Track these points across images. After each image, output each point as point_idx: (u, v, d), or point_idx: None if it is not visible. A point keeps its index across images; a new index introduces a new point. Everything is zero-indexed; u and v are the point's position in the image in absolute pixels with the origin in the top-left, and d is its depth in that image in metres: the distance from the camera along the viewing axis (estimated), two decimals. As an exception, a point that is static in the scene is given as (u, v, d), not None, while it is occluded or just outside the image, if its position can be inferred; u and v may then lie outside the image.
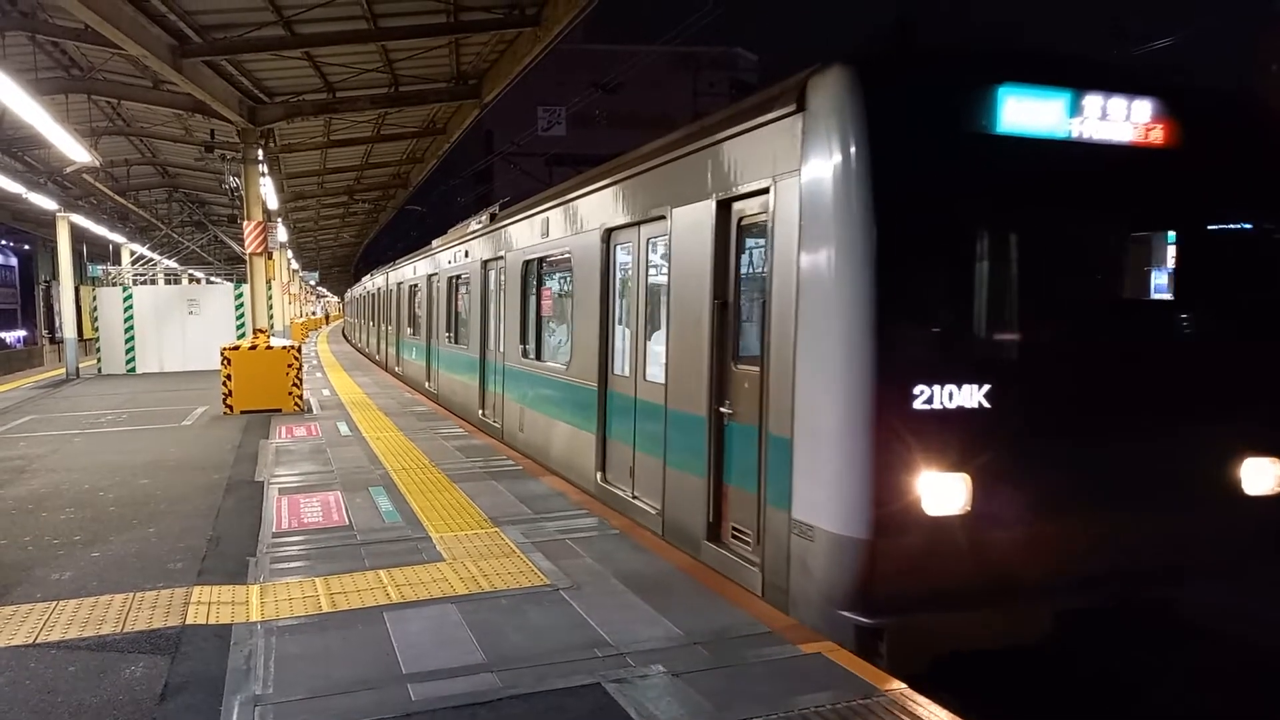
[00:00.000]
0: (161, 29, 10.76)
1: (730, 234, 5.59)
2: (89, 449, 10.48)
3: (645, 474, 6.86)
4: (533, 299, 10.22)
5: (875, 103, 4.46)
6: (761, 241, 5.20)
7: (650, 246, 6.87)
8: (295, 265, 41.45)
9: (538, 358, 9.94)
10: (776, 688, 3.91)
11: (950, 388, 4.44)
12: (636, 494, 7.03)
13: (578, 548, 6.05)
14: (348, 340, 41.91)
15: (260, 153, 14.63)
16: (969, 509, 4.48)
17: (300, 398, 13.94)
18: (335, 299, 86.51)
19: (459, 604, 4.96)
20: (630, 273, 7.32)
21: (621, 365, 7.45)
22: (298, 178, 23.23)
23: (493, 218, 12.32)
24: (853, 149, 4.41)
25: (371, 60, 13.52)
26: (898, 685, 3.92)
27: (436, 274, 16.26)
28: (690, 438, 5.95)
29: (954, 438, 4.45)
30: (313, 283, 61.02)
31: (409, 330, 20.05)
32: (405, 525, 6.68)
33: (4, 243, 54.53)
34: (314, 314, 68.18)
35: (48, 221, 22.68)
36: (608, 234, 7.58)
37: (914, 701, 3.78)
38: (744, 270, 5.60)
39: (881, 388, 4.34)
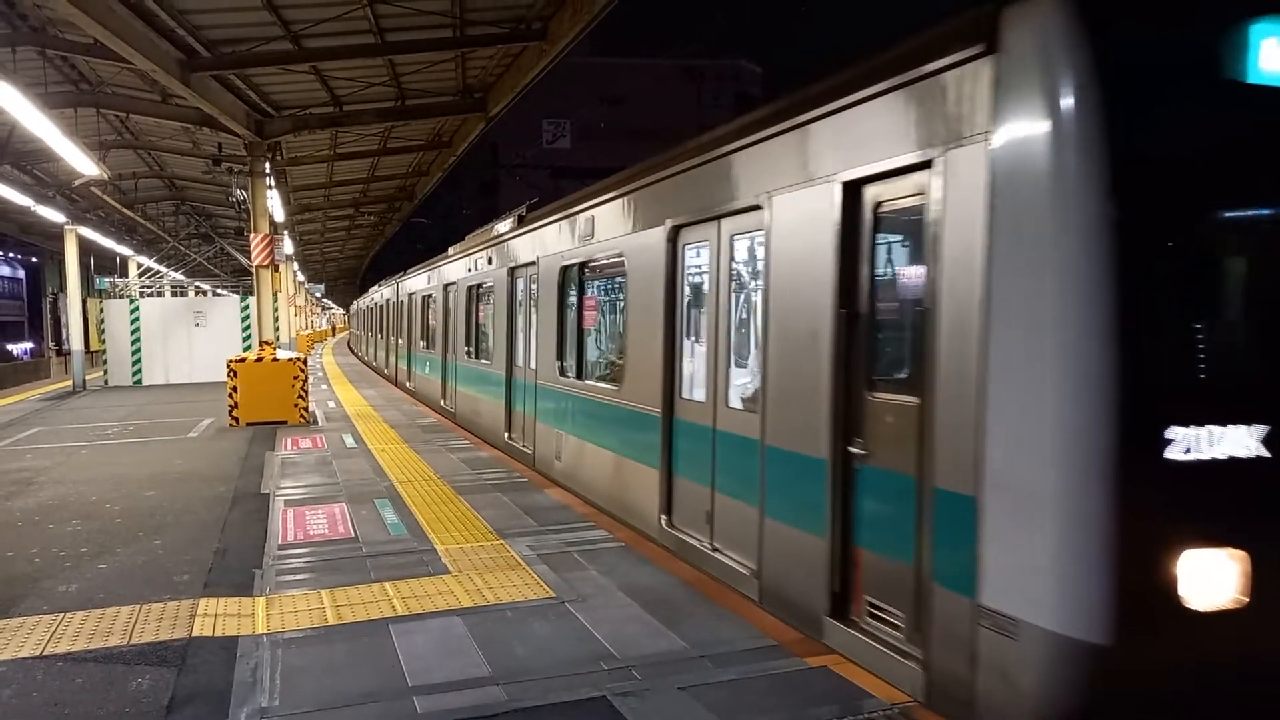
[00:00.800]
0: (170, 44, 10.85)
1: (862, 225, 4.45)
2: (96, 461, 10.51)
3: (730, 523, 5.74)
4: (573, 310, 9.05)
5: (1112, 39, 3.33)
6: (914, 233, 4.15)
7: (735, 245, 5.84)
8: (301, 277, 41.59)
9: (579, 376, 8.78)
10: (782, 701, 3.91)
11: (1219, 430, 3.32)
12: (717, 545, 5.90)
13: (583, 560, 6.05)
14: (354, 353, 41.98)
15: (267, 166, 14.71)
16: (1248, 600, 3.33)
17: (306, 410, 13.97)
18: (341, 311, 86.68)
19: (464, 616, 4.96)
20: (706, 277, 6.23)
21: (693, 388, 6.43)
22: (304, 190, 23.34)
23: (521, 220, 11.20)
24: (1083, 104, 3.27)
25: (378, 74, 13.60)
26: (904, 699, 3.91)
27: (454, 283, 15.15)
28: (801, 484, 4.82)
29: (1226, 500, 3.38)
30: (318, 295, 61.22)
31: (423, 344, 19.00)
32: (410, 537, 6.69)
33: (12, 255, 54.82)
34: (320, 326, 68.35)
35: (56, 234, 22.79)
36: (675, 232, 6.50)
37: (922, 717, 3.77)
38: (881, 271, 4.46)
39: (1126, 430, 3.22)
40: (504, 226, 12.02)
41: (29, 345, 52.82)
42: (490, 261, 12.42)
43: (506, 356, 11.34)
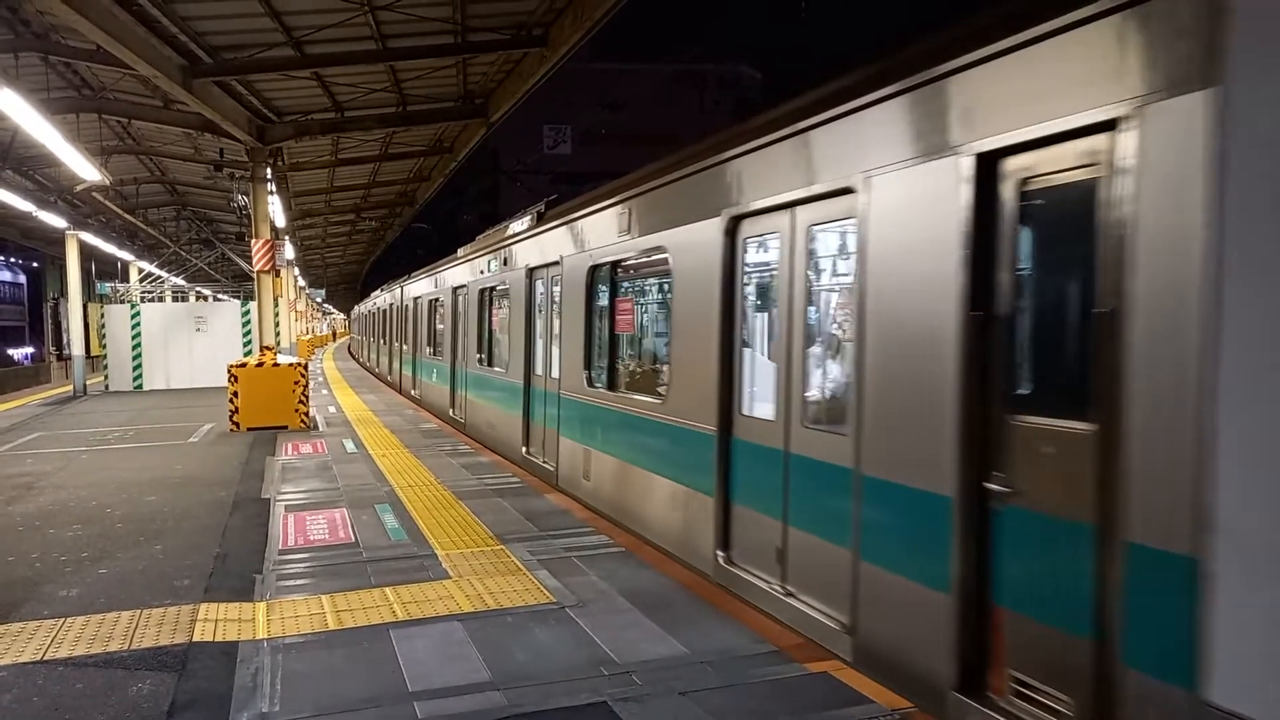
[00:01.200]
0: (173, 49, 10.88)
1: (1001, 207, 3.67)
2: (96, 466, 10.51)
3: (810, 564, 4.95)
4: (603, 313, 8.27)
5: None
6: (1080, 215, 3.31)
7: (815, 237, 5.06)
8: (302, 282, 41.63)
9: (611, 387, 8.00)
10: (783, 706, 3.90)
11: None
12: (791, 589, 5.13)
13: (583, 565, 6.05)
14: (354, 358, 41.99)
15: (269, 171, 14.74)
16: None
17: (306, 415, 13.97)
18: (342, 316, 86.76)
19: (465, 622, 4.96)
20: (774, 275, 5.43)
21: (754, 404, 5.67)
22: (305, 196, 23.38)
23: (541, 217, 10.41)
24: None
25: (379, 80, 13.64)
26: (905, 705, 3.91)
27: (464, 286, 14.35)
28: (915, 523, 4.04)
29: None
30: (319, 300, 61.28)
31: (429, 350, 18.19)
32: (411, 542, 6.69)
33: (13, 260, 54.88)
34: (321, 331, 68.41)
35: (57, 239, 22.83)
36: (733, 224, 5.70)
37: (921, 721, 3.76)
38: (1030, 264, 3.69)
39: None
40: (521, 225, 11.15)
41: (29, 350, 52.85)
42: (506, 263, 11.60)
43: (525, 364, 10.53)
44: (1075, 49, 3.27)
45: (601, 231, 8.06)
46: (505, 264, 11.62)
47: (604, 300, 8.30)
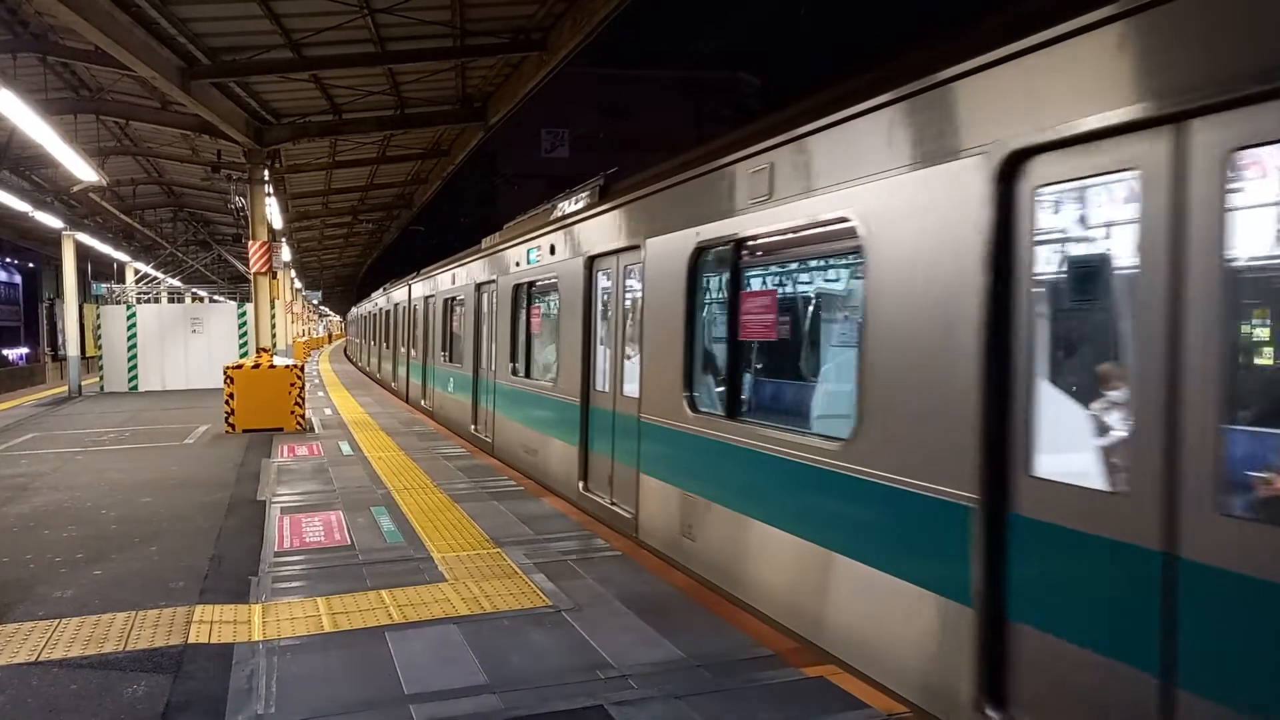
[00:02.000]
0: (171, 51, 10.89)
1: None
2: (91, 467, 10.49)
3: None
4: (713, 316, 6.36)
5: None
6: None
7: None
8: (298, 284, 41.59)
9: (733, 415, 5.76)
10: (779, 711, 3.91)
11: None
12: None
13: (579, 569, 6.05)
14: (351, 362, 41.91)
15: (266, 173, 14.75)
16: None
17: (302, 417, 13.95)
18: (338, 318, 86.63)
19: (461, 624, 4.96)
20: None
21: (1051, 459, 3.45)
22: (302, 198, 23.37)
23: (604, 192, 8.37)
24: None
25: (378, 83, 13.65)
26: (900, 709, 3.91)
27: (492, 281, 12.26)
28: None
29: None
30: (315, 301, 61.21)
31: (443, 356, 16.13)
32: (407, 545, 6.68)
33: (9, 260, 54.78)
34: (317, 333, 68.34)
35: (53, 239, 22.78)
36: (1017, 158, 3.54)
37: (917, 726, 3.75)
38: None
39: None
40: (573, 205, 9.11)
41: (25, 350, 52.73)
42: (553, 251, 9.54)
43: (582, 379, 8.42)
44: None
45: (709, 201, 6.00)
46: (553, 252, 9.55)
47: (717, 293, 6.30)
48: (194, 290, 33.98)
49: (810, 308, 6.33)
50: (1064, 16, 3.30)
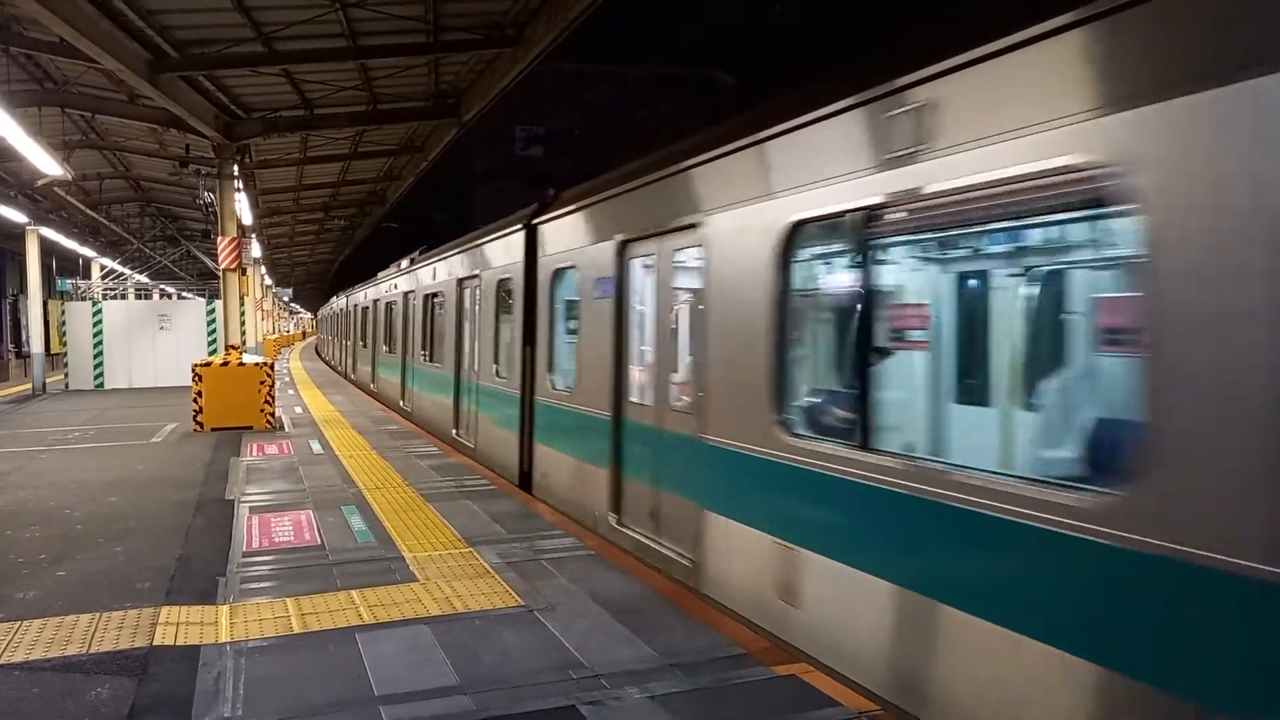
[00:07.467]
0: (138, 44, 10.71)
1: None
2: (56, 466, 10.31)
3: None
4: (833, 312, 5.16)
5: None
6: None
7: None
8: (269, 281, 41.12)
9: (865, 443, 4.24)
10: (752, 710, 3.92)
11: None
12: None
13: (552, 568, 6.03)
14: (323, 359, 41.52)
15: (236, 168, 14.57)
16: None
17: (272, 415, 13.80)
18: (309, 315, 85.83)
19: (432, 625, 4.92)
20: None
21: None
22: (273, 193, 23.12)
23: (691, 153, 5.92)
24: None
25: (350, 78, 13.53)
26: (873, 708, 3.94)
27: (474, 276, 11.06)
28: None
29: None
30: (286, 299, 60.56)
31: (423, 355, 14.90)
32: (378, 545, 6.62)
33: (-29, 255, 53.66)
34: (288, 330, 67.65)
35: (17, 235, 22.39)
36: None
37: (887, 723, 3.77)
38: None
39: None
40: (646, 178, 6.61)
41: (-13, 347, 51.69)
42: (572, 234, 8.07)
43: (613, 393, 7.04)
44: None
45: (822, 162, 4.51)
46: (571, 236, 8.11)
47: (822, 286, 5.17)
48: (161, 287, 33.51)
49: (1015, 299, 4.94)
50: None
